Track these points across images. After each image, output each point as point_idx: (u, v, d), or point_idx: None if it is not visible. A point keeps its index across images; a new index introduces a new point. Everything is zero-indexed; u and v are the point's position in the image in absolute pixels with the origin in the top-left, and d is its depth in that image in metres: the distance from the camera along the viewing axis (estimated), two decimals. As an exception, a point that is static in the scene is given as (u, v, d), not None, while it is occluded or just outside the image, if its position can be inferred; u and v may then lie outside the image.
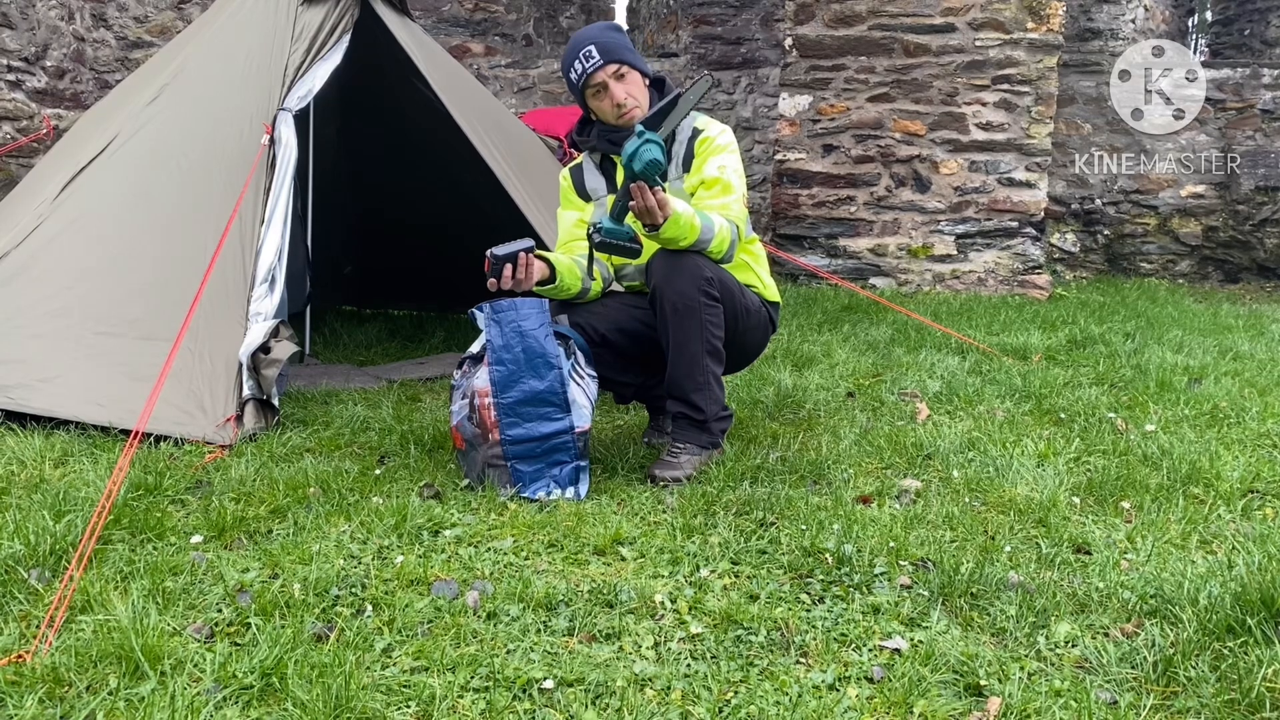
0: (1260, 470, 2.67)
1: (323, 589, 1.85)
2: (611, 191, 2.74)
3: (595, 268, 2.75)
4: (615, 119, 2.69)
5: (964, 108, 6.41)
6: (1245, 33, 8.68)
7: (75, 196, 3.19)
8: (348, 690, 1.47)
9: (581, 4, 9.03)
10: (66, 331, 2.94)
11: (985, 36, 6.38)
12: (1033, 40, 6.37)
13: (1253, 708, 1.48)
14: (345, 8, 3.54)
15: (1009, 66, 6.38)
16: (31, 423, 2.82)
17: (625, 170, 2.38)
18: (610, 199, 2.64)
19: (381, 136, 4.71)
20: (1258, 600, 1.73)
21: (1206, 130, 7.40)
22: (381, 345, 4.71)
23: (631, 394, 2.94)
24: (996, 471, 2.64)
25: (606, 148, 2.73)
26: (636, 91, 2.69)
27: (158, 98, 3.40)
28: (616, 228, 2.46)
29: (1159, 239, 7.60)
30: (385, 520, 2.20)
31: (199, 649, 1.62)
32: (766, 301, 2.84)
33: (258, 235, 3.16)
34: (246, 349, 2.94)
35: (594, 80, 2.65)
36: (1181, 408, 3.33)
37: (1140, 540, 2.17)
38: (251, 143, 3.27)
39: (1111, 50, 7.45)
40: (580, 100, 2.75)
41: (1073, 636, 1.74)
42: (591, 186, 2.83)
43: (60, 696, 1.48)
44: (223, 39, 3.54)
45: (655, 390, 2.87)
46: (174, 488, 2.39)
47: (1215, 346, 4.49)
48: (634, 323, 2.73)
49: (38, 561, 1.92)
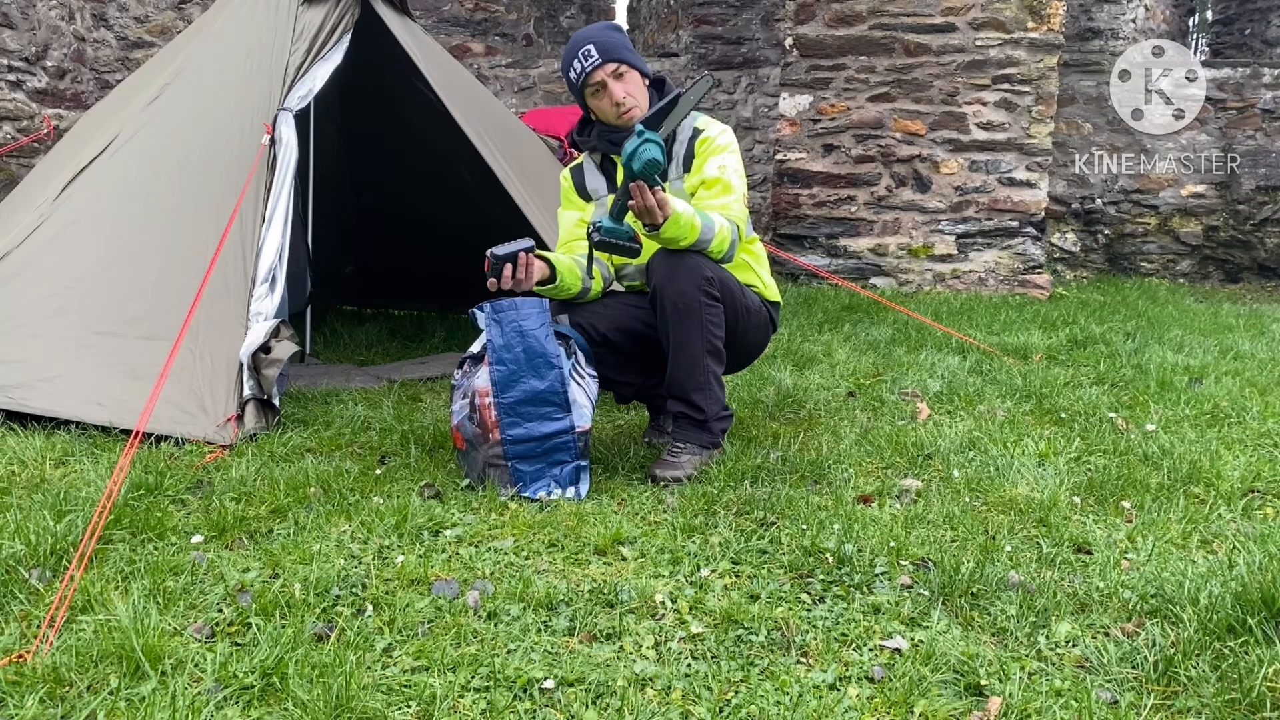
0: (1261, 470, 2.67)
1: (323, 589, 1.85)
2: (612, 191, 2.75)
3: (595, 267, 2.76)
4: (615, 119, 2.70)
5: (964, 107, 6.41)
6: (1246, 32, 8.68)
7: (76, 197, 3.19)
8: (348, 690, 1.47)
9: (582, 4, 9.02)
10: (67, 331, 2.94)
11: (986, 36, 6.38)
12: (1033, 40, 6.37)
13: (1253, 707, 1.48)
14: (346, 7, 3.54)
15: (1009, 66, 6.38)
16: (32, 422, 2.82)
17: (624, 169, 2.38)
18: (610, 198, 2.64)
19: (382, 136, 4.71)
20: (1258, 600, 1.73)
21: (1207, 130, 7.40)
22: (382, 345, 4.71)
23: (632, 394, 2.94)
24: (997, 471, 2.64)
25: (607, 148, 2.73)
26: (635, 91, 2.69)
27: (158, 98, 3.40)
28: (616, 227, 2.47)
29: (1159, 239, 7.60)
30: (386, 520, 2.20)
31: (200, 649, 1.62)
32: (767, 301, 2.84)
33: (258, 235, 3.16)
34: (247, 349, 2.94)
35: (593, 79, 2.65)
36: (1182, 407, 3.33)
37: (1141, 540, 2.17)
38: (252, 142, 3.27)
39: (1112, 50, 7.45)
40: (580, 100, 2.75)
41: (1073, 636, 1.74)
42: (592, 187, 2.83)
43: (61, 696, 1.48)
44: (223, 39, 3.54)
45: (656, 390, 2.87)
46: (174, 487, 2.39)
47: (1216, 346, 4.49)
48: (634, 322, 2.73)
49: (38, 561, 1.92)
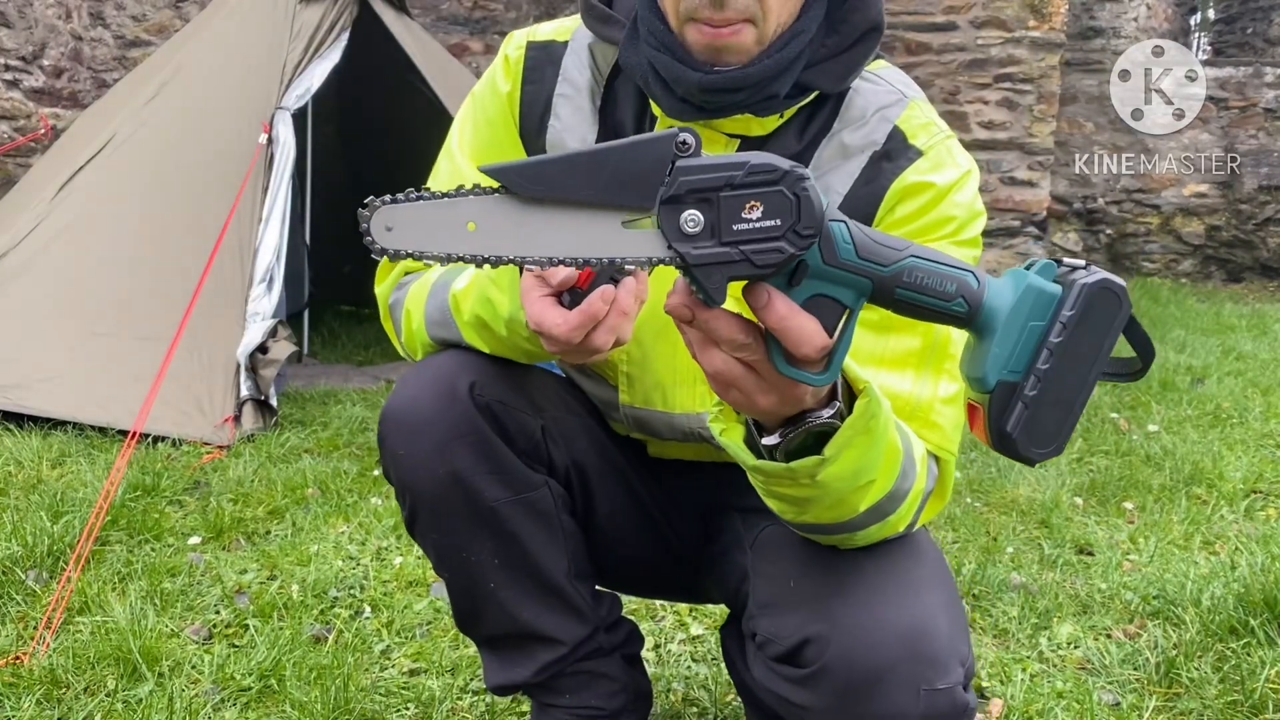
0: (1263, 471, 2.66)
1: (321, 590, 1.85)
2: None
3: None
4: (702, 45, 0.95)
5: (965, 106, 6.40)
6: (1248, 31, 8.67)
7: (73, 197, 3.19)
8: (346, 692, 1.46)
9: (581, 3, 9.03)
10: (64, 331, 2.94)
11: (987, 35, 6.37)
12: (1035, 38, 6.35)
13: (1255, 709, 1.47)
14: (343, 6, 3.52)
15: (1011, 65, 6.37)
16: (29, 423, 2.81)
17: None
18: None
19: (380, 135, 4.70)
20: (1260, 601, 1.72)
21: (1209, 129, 7.38)
22: (380, 345, 4.69)
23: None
24: (999, 472, 2.63)
25: (655, 83, 1.00)
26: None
27: (155, 97, 3.40)
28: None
29: (1161, 238, 7.59)
30: (384, 521, 2.20)
31: (197, 650, 1.61)
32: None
33: (255, 235, 3.15)
34: (244, 349, 2.93)
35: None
36: (1184, 408, 3.32)
37: (1143, 541, 2.16)
38: (249, 142, 3.25)
39: (1114, 49, 7.43)
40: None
41: (1075, 638, 1.73)
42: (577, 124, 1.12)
43: (58, 698, 1.47)
44: (221, 38, 3.53)
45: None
46: (172, 488, 2.38)
47: (1218, 346, 4.48)
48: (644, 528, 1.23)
49: (35, 562, 1.91)
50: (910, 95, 1.02)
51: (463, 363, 1.05)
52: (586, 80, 1.06)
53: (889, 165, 0.99)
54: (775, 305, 0.65)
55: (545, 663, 1.15)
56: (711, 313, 0.67)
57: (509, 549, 1.09)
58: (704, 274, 0.64)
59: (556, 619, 1.14)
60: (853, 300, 0.68)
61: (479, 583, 1.11)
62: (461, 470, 1.04)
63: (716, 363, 0.69)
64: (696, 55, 0.94)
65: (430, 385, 1.05)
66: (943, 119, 1.04)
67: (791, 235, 0.63)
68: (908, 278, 0.67)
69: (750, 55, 0.93)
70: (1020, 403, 0.66)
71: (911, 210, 0.98)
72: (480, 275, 0.99)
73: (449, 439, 1.03)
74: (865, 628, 0.85)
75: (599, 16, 1.05)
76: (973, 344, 0.71)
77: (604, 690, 1.20)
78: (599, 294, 0.85)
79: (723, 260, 0.64)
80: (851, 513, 0.84)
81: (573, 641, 1.15)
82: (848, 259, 0.66)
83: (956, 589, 0.96)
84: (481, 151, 1.12)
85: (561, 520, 1.12)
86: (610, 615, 1.23)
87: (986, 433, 0.69)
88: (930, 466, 0.93)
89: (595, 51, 1.07)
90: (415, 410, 1.04)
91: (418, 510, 1.08)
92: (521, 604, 1.12)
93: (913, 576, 0.90)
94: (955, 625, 0.88)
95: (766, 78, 0.94)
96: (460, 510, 1.06)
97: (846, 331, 0.69)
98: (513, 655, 1.17)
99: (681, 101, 0.97)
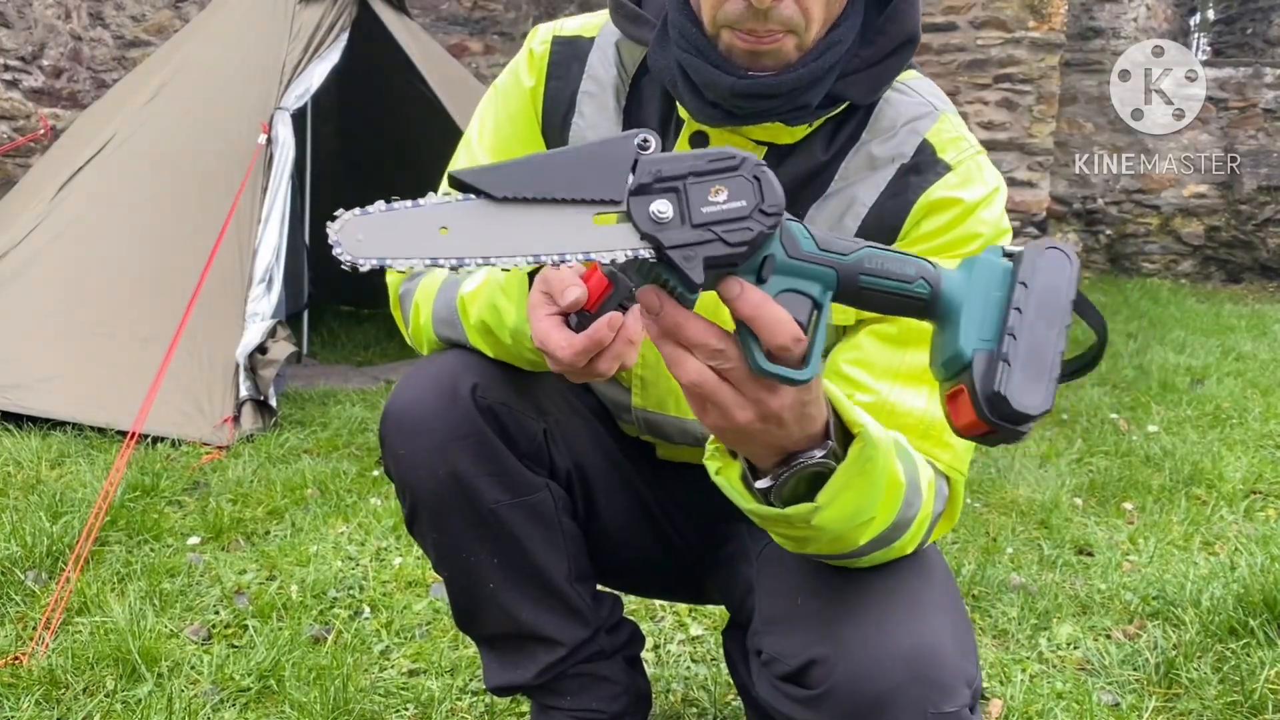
0: (1263, 471, 2.66)
1: (320, 590, 1.84)
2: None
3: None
4: (741, 49, 0.92)
5: (965, 106, 6.39)
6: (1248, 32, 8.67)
7: (73, 197, 3.19)
8: (345, 692, 1.46)
9: (581, 3, 9.02)
10: (63, 332, 2.94)
11: (987, 35, 6.37)
12: (1034, 39, 6.35)
13: (1255, 709, 1.47)
14: (343, 6, 3.52)
15: (1010, 65, 6.36)
16: (28, 423, 2.81)
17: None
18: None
19: (380, 135, 4.70)
20: (1260, 602, 1.72)
21: (1209, 130, 7.38)
22: (380, 345, 4.69)
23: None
24: (998, 472, 2.63)
25: (683, 86, 0.98)
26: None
27: (155, 98, 3.40)
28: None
29: (1161, 239, 7.59)
30: (383, 521, 2.19)
31: (196, 651, 1.61)
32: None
33: (255, 235, 3.15)
34: (244, 349, 2.93)
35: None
36: (1184, 408, 3.32)
37: (1142, 541, 2.16)
38: (248, 142, 3.25)
39: (1114, 49, 7.43)
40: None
41: (1075, 638, 1.73)
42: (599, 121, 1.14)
43: (57, 699, 1.47)
44: (220, 38, 3.53)
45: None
46: (171, 489, 2.38)
47: (1218, 347, 4.48)
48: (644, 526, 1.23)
49: (34, 563, 1.91)
50: (941, 108, 1.00)
51: (466, 364, 1.04)
52: (612, 78, 1.05)
53: (916, 179, 0.97)
54: (748, 294, 0.66)
55: (545, 664, 1.15)
56: (685, 314, 0.67)
57: (508, 551, 1.09)
58: (680, 256, 0.65)
59: (556, 621, 1.14)
60: (820, 293, 0.69)
61: (478, 583, 1.11)
62: (462, 471, 1.04)
63: (691, 373, 0.68)
64: (734, 59, 0.92)
65: (432, 385, 1.04)
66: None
67: (758, 214, 0.66)
68: (869, 263, 0.69)
69: (789, 61, 0.91)
70: (1001, 362, 0.68)
71: (938, 225, 0.96)
72: (489, 281, 0.98)
73: (449, 440, 1.03)
74: (871, 650, 0.84)
75: (628, 15, 1.03)
76: (938, 332, 0.72)
77: (605, 693, 1.20)
78: (606, 320, 0.82)
79: (696, 241, 0.65)
80: (852, 546, 0.83)
81: (573, 643, 1.15)
82: (810, 250, 0.69)
83: (964, 607, 0.95)
84: (502, 146, 1.10)
85: (562, 523, 1.11)
86: (611, 617, 1.23)
87: (975, 407, 0.69)
88: (940, 488, 0.91)
89: (622, 49, 1.05)
90: (417, 410, 1.04)
91: (418, 510, 1.08)
92: (521, 605, 1.12)
93: (920, 597, 0.89)
94: (962, 647, 0.87)
95: (800, 86, 0.92)
96: (460, 511, 1.06)
97: (819, 328, 0.70)
98: (513, 656, 1.16)
99: (711, 106, 0.95)
